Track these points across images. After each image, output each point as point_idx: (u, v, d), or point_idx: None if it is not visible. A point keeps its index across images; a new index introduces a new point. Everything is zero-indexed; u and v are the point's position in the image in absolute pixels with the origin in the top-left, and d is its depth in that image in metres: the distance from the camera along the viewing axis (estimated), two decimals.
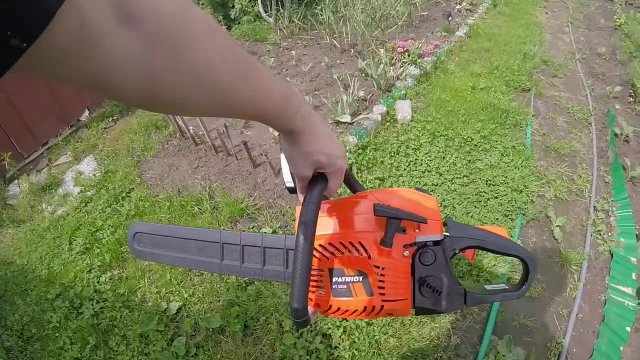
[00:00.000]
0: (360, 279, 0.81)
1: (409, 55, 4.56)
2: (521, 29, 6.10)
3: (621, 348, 2.28)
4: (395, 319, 2.30)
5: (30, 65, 0.36)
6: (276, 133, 3.41)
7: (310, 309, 0.80)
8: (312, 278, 0.79)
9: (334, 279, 0.82)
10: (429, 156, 3.34)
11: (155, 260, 1.08)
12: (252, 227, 2.78)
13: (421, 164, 3.27)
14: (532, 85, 4.53)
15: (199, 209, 2.96)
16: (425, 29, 5.88)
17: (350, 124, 3.64)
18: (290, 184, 0.84)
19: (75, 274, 2.69)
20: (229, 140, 3.27)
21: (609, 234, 2.94)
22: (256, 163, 3.25)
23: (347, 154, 3.19)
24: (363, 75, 4.46)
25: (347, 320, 2.27)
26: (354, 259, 0.80)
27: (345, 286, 0.82)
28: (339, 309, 0.83)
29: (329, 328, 2.25)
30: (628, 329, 2.37)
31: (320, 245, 0.82)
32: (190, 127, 3.49)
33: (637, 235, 2.91)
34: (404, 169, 3.23)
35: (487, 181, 3.14)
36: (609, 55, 5.80)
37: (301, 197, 0.80)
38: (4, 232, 3.39)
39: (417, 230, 0.83)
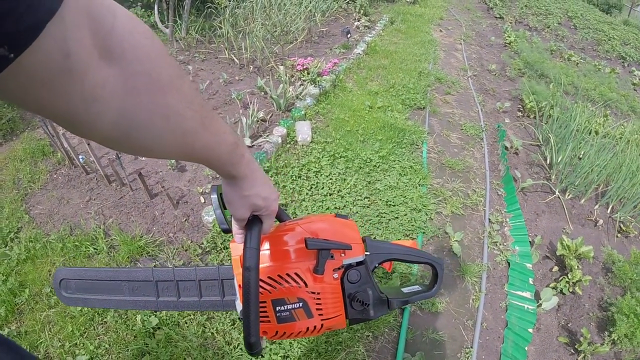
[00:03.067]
0: (301, 305, 0.91)
1: (308, 74, 4.52)
2: (417, 47, 6.32)
3: (526, 348, 2.39)
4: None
5: (7, 84, 0.36)
6: (172, 159, 3.24)
7: None
8: None
9: (277, 308, 0.91)
10: (330, 179, 3.30)
11: (88, 305, 1.11)
12: (154, 266, 2.53)
13: (323, 188, 3.22)
14: (427, 103, 4.68)
15: (94, 249, 2.68)
16: (324, 45, 5.91)
17: (250, 147, 3.53)
18: (225, 226, 0.88)
19: None
20: (121, 168, 3.03)
21: (505, 244, 3.06)
22: (153, 193, 3.02)
23: None
24: (262, 93, 4.35)
25: None
26: (293, 288, 0.90)
27: (288, 313, 0.91)
28: (284, 333, 0.94)
29: None
30: (530, 330, 2.50)
31: (260, 279, 0.87)
32: (80, 156, 3.18)
33: (530, 242, 3.07)
34: (307, 193, 3.16)
35: (387, 202, 3.15)
36: (499, 71, 6.16)
37: (237, 238, 0.90)
38: None
39: (343, 255, 0.94)
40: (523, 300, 2.66)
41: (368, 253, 0.98)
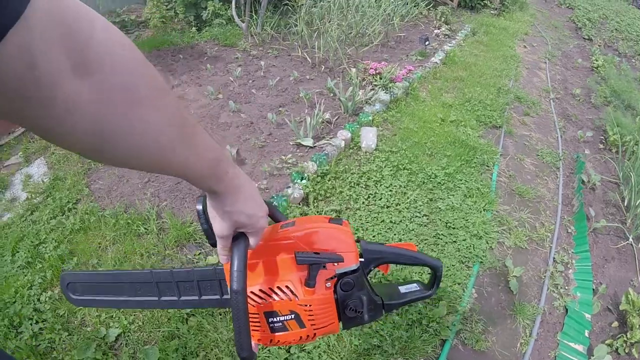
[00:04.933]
0: (293, 317, 0.90)
1: (380, 79, 4.39)
2: (498, 61, 6.03)
3: None
4: None
5: None
6: (234, 150, 3.23)
7: (253, 343, 0.85)
8: (250, 321, 0.82)
9: (270, 319, 0.91)
10: (390, 190, 3.17)
11: (97, 305, 1.20)
12: (199, 254, 2.60)
13: (381, 199, 3.09)
14: (503, 122, 4.43)
15: (145, 229, 2.75)
16: (400, 51, 5.74)
17: (312, 147, 3.45)
18: (213, 240, 0.85)
19: (16, 290, 2.46)
20: None
21: (566, 287, 2.82)
22: None
23: (304, 181, 3.04)
24: (331, 94, 4.27)
25: None
26: (284, 302, 0.89)
27: (280, 324, 0.91)
28: (278, 341, 0.94)
29: None
30: None
31: (252, 292, 0.88)
32: None
33: (593, 290, 2.81)
34: (363, 202, 3.04)
35: (446, 223, 2.97)
36: (583, 97, 5.77)
37: (221, 258, 0.86)
38: None
39: (336, 265, 0.91)
40: (574, 353, 2.42)
41: (362, 259, 0.96)
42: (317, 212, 2.92)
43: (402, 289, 1.09)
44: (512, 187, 3.57)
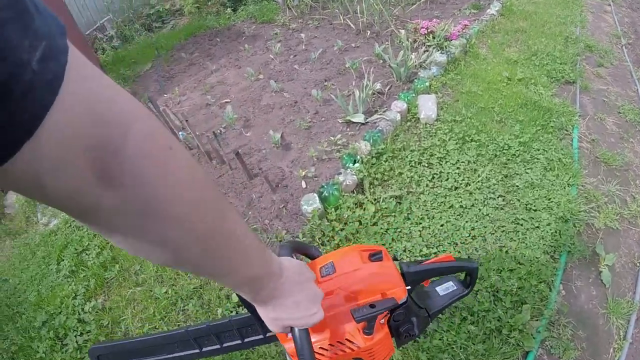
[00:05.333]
0: None
1: (434, 38, 3.96)
2: (559, 7, 5.41)
3: None
4: None
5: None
6: (278, 135, 2.97)
7: None
8: None
9: None
10: (457, 168, 2.81)
11: None
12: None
13: (447, 179, 2.75)
14: (577, 76, 3.90)
15: None
16: (451, 5, 5.21)
17: (363, 124, 3.10)
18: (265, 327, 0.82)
19: (61, 300, 2.51)
20: (224, 145, 2.95)
21: None
22: (252, 173, 2.82)
23: (357, 164, 2.75)
24: (380, 61, 3.89)
25: None
26: (347, 353, 0.88)
27: None
28: None
29: None
30: None
31: (314, 352, 0.82)
32: (180, 132, 3.15)
33: None
34: (426, 185, 2.71)
35: (526, 205, 2.60)
36: None
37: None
38: (1, 244, 3.18)
39: None
40: None
41: (409, 287, 0.94)
42: (374, 200, 2.63)
43: (440, 290, 1.09)
44: (597, 154, 3.11)
